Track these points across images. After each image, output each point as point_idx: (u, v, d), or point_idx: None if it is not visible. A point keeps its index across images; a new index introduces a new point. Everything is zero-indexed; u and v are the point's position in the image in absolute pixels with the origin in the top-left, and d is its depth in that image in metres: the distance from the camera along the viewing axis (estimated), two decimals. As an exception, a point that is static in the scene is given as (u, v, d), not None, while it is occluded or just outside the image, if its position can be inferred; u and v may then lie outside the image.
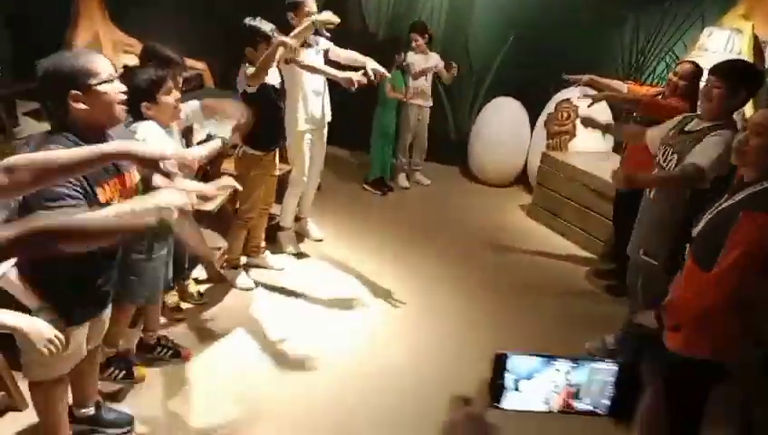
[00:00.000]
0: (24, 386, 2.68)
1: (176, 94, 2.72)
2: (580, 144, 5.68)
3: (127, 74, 2.61)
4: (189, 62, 5.93)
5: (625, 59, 6.09)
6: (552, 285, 4.50)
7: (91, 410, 2.64)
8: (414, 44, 5.53)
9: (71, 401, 2.54)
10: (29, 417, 2.61)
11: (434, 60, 5.62)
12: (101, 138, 2.04)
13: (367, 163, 5.95)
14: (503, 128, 6.11)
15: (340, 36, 4.24)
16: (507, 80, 6.30)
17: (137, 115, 2.60)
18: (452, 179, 6.44)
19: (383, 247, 4.74)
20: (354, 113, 4.61)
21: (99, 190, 1.99)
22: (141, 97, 2.56)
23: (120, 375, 2.96)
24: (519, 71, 6.19)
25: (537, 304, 4.17)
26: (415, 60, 5.54)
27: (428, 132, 5.96)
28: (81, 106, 1.97)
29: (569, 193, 5.21)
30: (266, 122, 3.65)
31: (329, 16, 3.59)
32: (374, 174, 5.84)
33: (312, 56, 4.02)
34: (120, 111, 2.06)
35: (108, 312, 2.44)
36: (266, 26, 3.50)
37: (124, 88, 2.07)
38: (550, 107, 5.90)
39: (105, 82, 2.00)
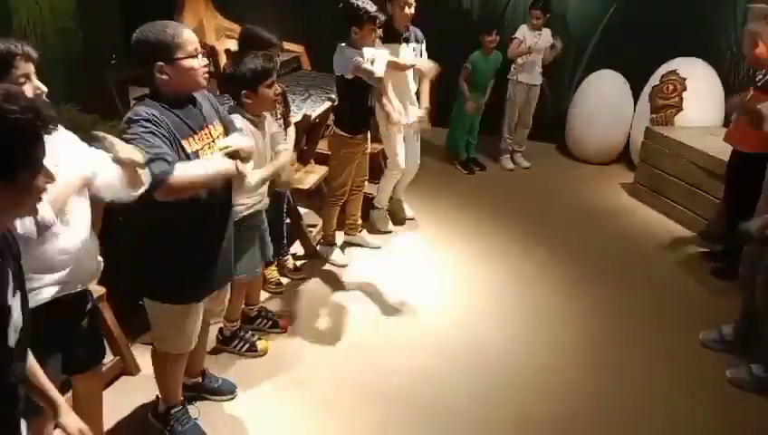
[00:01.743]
0: (137, 351, 2.90)
1: (276, 88, 2.77)
2: (687, 118, 5.35)
3: (235, 59, 2.74)
4: (287, 45, 6.11)
5: (739, 35, 5.65)
6: (655, 267, 4.31)
7: (197, 379, 2.81)
8: (533, 21, 5.40)
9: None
10: (141, 380, 2.82)
11: (545, 37, 5.47)
12: (189, 102, 2.17)
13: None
14: (603, 102, 5.86)
15: (435, 13, 4.22)
16: (608, 52, 6.02)
17: (236, 98, 2.71)
18: (548, 157, 6.25)
19: (477, 227, 4.70)
20: (440, 90, 4.56)
21: (185, 143, 2.11)
22: (244, 85, 2.65)
23: (245, 348, 3.13)
24: (621, 42, 5.91)
25: (640, 288, 4.00)
26: (527, 35, 5.42)
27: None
28: (165, 77, 2.07)
29: (674, 171, 4.94)
30: (355, 107, 3.73)
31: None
32: (459, 153, 5.78)
33: (409, 53, 4.04)
34: (203, 79, 2.15)
35: (226, 290, 2.59)
36: (372, 6, 3.50)
37: (206, 62, 2.16)
38: (654, 79, 5.59)
39: (189, 57, 2.08)
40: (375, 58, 3.59)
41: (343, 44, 3.58)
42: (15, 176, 1.21)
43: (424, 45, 4.19)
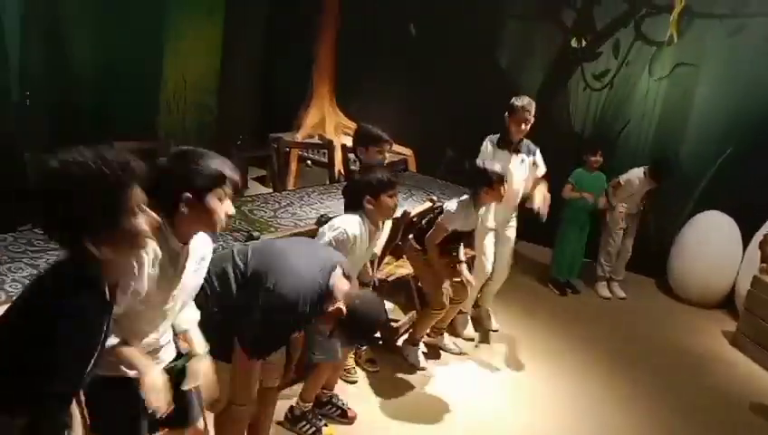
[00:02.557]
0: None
1: (395, 200, 2.98)
2: (800, 272, 5.06)
3: (366, 168, 2.97)
4: (398, 147, 6.47)
5: None
6: (754, 428, 3.98)
7: (260, 451, 2.84)
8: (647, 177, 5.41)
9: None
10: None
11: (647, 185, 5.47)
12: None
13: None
14: (710, 244, 5.66)
15: (546, 134, 4.39)
16: (720, 193, 5.88)
17: (355, 204, 2.92)
18: (647, 292, 6.04)
19: (561, 351, 4.56)
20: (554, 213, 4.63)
21: None
22: (368, 191, 2.86)
23: (310, 432, 3.16)
24: (734, 185, 5.77)
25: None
26: (634, 181, 5.44)
27: (627, 238, 5.73)
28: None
29: (783, 325, 4.64)
30: (451, 242, 3.84)
31: None
32: (559, 274, 5.71)
33: (515, 163, 4.22)
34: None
35: (280, 355, 2.66)
36: (499, 170, 3.69)
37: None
38: (767, 228, 5.38)
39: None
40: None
41: (466, 198, 3.77)
42: (118, 223, 1.44)
43: (537, 155, 4.33)
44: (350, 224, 2.89)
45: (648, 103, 6.26)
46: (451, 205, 3.79)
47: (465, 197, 3.79)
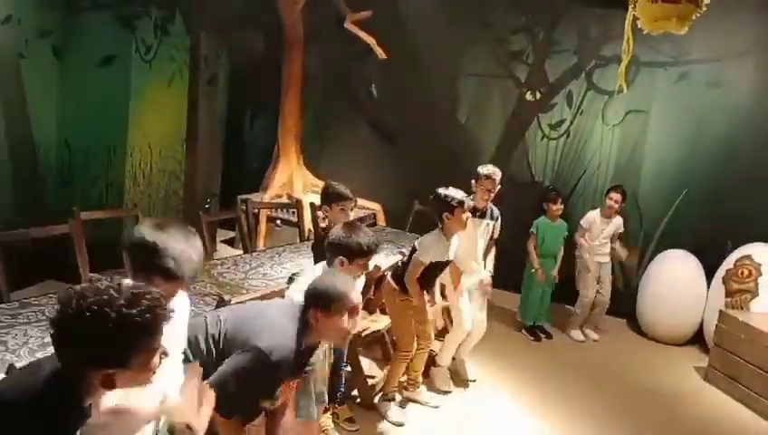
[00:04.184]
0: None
1: (368, 265, 3.03)
2: (764, 303, 5.21)
3: (349, 227, 2.99)
4: (366, 202, 6.55)
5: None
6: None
7: None
8: (610, 205, 5.55)
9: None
10: None
11: (615, 225, 5.65)
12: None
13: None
14: (675, 282, 5.80)
15: (507, 185, 4.55)
16: (680, 232, 6.08)
17: (328, 260, 2.97)
18: (619, 333, 6.11)
19: (539, 397, 4.56)
20: (509, 255, 4.73)
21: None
22: (347, 253, 2.90)
23: None
24: (693, 224, 5.98)
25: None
26: (595, 222, 5.63)
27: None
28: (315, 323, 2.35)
29: (753, 358, 4.73)
30: (426, 277, 3.91)
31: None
32: (527, 318, 5.77)
33: (482, 229, 4.42)
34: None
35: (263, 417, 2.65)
36: (461, 194, 3.85)
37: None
38: (729, 262, 5.54)
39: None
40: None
41: (435, 231, 3.89)
42: (131, 362, 1.45)
43: (498, 223, 4.51)
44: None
45: (604, 150, 6.50)
46: (423, 240, 3.88)
47: (434, 231, 3.88)
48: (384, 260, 4.11)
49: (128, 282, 1.56)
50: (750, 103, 5.91)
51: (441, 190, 3.88)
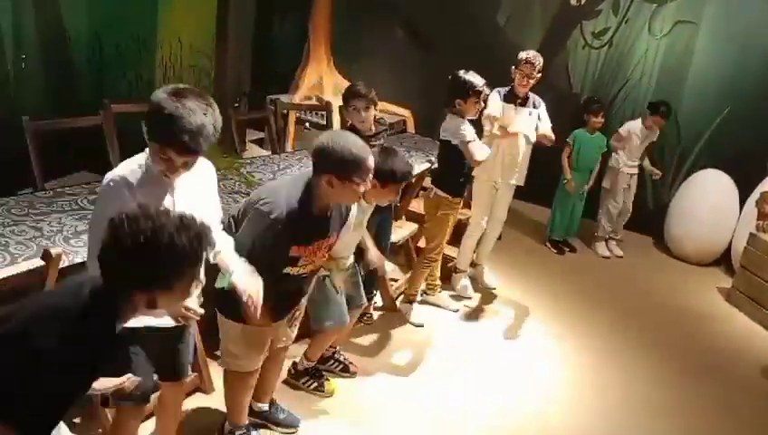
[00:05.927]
0: (214, 372, 3.06)
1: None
2: (796, 229, 5.10)
3: (389, 153, 2.88)
4: (395, 108, 6.43)
5: None
6: (746, 381, 4.07)
7: (265, 406, 2.92)
8: (648, 124, 5.46)
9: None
10: (213, 400, 2.97)
11: (652, 136, 5.53)
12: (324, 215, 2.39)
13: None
14: (707, 202, 5.69)
15: (544, 94, 4.39)
16: (718, 151, 5.89)
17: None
18: (644, 250, 6.09)
19: (560, 310, 4.62)
20: (542, 169, 4.64)
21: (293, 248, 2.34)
22: (381, 177, 2.69)
23: (313, 387, 3.24)
24: (732, 143, 5.78)
25: (726, 400, 3.79)
26: (636, 132, 5.51)
27: (625, 198, 5.77)
28: (327, 186, 2.30)
29: (777, 282, 4.71)
30: (457, 170, 3.87)
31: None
32: (557, 234, 5.76)
33: (524, 116, 4.21)
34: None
35: (295, 320, 2.72)
36: (479, 81, 3.71)
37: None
38: (764, 186, 5.40)
39: (360, 183, 2.30)
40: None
41: (449, 117, 3.77)
42: (175, 286, 1.49)
43: (542, 108, 4.30)
44: None
45: (648, 62, 6.21)
46: (448, 126, 3.76)
47: (447, 117, 3.79)
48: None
49: (176, 211, 1.56)
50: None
51: (461, 73, 3.74)
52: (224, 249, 2.17)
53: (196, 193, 2.06)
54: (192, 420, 2.84)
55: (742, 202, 5.63)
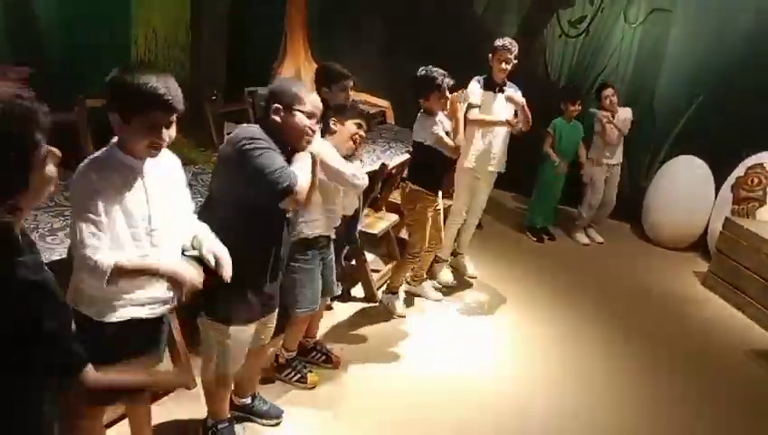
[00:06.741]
0: (196, 370, 3.04)
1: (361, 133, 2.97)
2: (770, 214, 5.21)
3: (340, 108, 2.95)
4: (375, 99, 6.42)
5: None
6: (721, 364, 4.14)
7: (247, 400, 2.92)
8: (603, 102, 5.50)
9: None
10: (195, 395, 2.95)
11: (624, 114, 5.54)
12: (287, 153, 2.39)
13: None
14: (683, 187, 5.77)
15: (522, 83, 4.41)
16: (693, 138, 5.96)
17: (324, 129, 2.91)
18: (622, 236, 6.17)
19: (539, 296, 4.68)
20: (520, 158, 4.66)
21: None
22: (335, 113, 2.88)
23: (295, 378, 3.24)
24: (707, 129, 5.85)
25: (701, 383, 3.86)
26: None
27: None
28: (276, 118, 2.35)
29: (752, 265, 4.78)
30: (430, 169, 3.87)
31: None
32: (535, 222, 5.80)
33: (500, 103, 4.22)
34: (304, 142, 2.39)
35: (273, 316, 2.71)
36: (436, 75, 3.67)
37: (316, 127, 2.41)
38: (739, 170, 5.49)
39: (304, 112, 2.35)
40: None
41: (420, 116, 3.78)
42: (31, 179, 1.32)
43: (517, 93, 4.31)
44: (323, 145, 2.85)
45: (624, 50, 6.27)
46: (417, 125, 3.78)
47: (418, 116, 3.79)
48: (391, 159, 4.09)
49: None
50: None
51: (419, 71, 3.72)
52: (199, 232, 2.17)
53: (167, 183, 2.05)
54: (175, 415, 2.83)
55: (717, 187, 5.71)
